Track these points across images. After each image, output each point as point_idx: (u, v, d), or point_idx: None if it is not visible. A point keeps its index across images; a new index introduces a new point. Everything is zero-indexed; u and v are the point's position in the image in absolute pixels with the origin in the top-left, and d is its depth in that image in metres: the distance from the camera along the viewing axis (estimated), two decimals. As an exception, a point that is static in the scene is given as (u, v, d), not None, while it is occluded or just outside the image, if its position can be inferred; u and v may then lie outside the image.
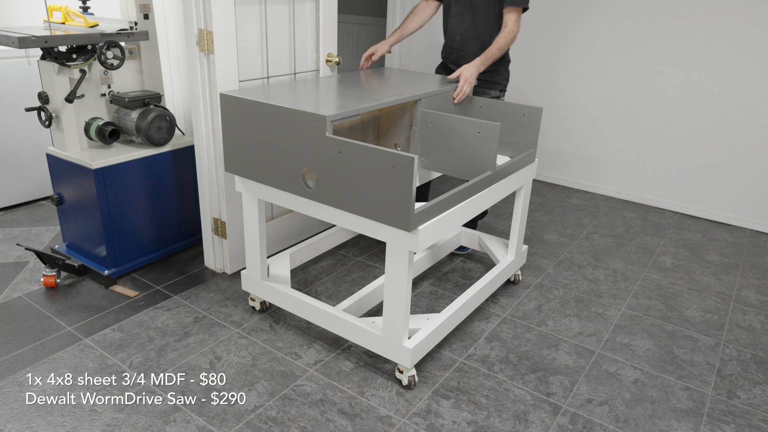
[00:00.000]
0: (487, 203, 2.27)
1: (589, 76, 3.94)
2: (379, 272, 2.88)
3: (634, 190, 4.00)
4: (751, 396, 2.14)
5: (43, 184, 3.54)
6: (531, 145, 2.53)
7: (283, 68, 2.77)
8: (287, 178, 2.05)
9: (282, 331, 2.38)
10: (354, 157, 1.83)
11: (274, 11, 2.64)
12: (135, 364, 2.14)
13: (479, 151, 2.28)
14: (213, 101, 2.48)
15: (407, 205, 1.76)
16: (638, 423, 1.98)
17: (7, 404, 1.93)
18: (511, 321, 2.53)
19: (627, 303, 2.73)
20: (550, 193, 4.12)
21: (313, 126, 1.90)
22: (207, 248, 2.82)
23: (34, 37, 2.26)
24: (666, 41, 3.61)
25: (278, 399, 2.01)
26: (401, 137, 2.59)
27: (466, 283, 2.83)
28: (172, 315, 2.46)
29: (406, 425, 1.92)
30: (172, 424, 1.88)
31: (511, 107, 2.53)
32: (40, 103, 2.51)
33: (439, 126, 2.37)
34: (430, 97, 2.40)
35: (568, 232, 3.49)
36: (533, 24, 4.06)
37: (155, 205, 2.77)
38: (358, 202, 1.88)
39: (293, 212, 3.01)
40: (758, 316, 2.66)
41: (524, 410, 2.01)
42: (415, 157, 1.69)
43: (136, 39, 2.56)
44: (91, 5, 2.78)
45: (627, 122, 3.88)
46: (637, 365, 2.28)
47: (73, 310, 2.46)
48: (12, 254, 2.91)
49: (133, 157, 2.61)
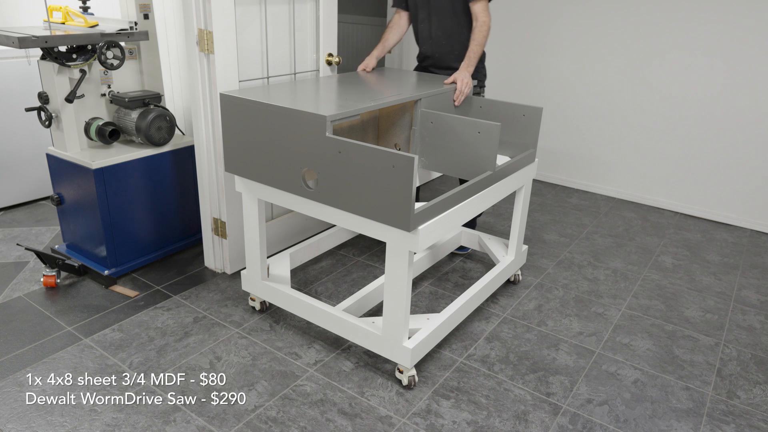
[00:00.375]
0: (487, 203, 2.27)
1: (589, 76, 3.94)
2: (379, 272, 2.88)
3: (634, 190, 4.00)
4: (751, 396, 2.14)
5: (43, 184, 3.54)
6: (531, 145, 2.53)
7: (283, 68, 2.77)
8: (287, 178, 2.05)
9: (282, 331, 2.38)
10: (354, 157, 1.83)
11: (274, 11, 2.64)
12: (135, 364, 2.14)
13: (479, 151, 2.28)
14: (213, 101, 2.48)
15: (407, 205, 1.76)
16: (638, 423, 1.98)
17: (7, 404, 1.93)
18: (511, 321, 2.53)
19: (627, 303, 2.73)
20: (550, 193, 4.12)
21: (313, 126, 1.90)
22: (207, 248, 2.82)
23: (34, 37, 2.26)
24: (666, 42, 3.60)
25: (278, 399, 2.01)
26: (401, 137, 2.59)
27: (466, 283, 2.83)
28: (172, 315, 2.46)
29: (406, 425, 1.92)
30: (172, 424, 1.88)
31: (511, 107, 2.53)
32: (40, 103, 2.51)
33: (439, 126, 2.37)
34: (430, 97, 2.40)
35: (568, 232, 3.49)
36: (534, 24, 4.07)
37: (155, 205, 2.77)
38: (358, 202, 1.88)
39: (293, 212, 3.01)
40: (758, 316, 2.66)
41: (524, 410, 2.01)
42: (415, 157, 1.69)
43: (136, 39, 2.56)
44: (91, 5, 2.78)
45: (627, 122, 3.88)
46: (637, 365, 2.28)
47: (73, 310, 2.46)
48: (12, 254, 2.91)
49: (133, 157, 2.61)
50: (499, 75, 4.35)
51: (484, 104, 2.60)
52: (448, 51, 2.73)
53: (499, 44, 4.26)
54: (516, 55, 4.22)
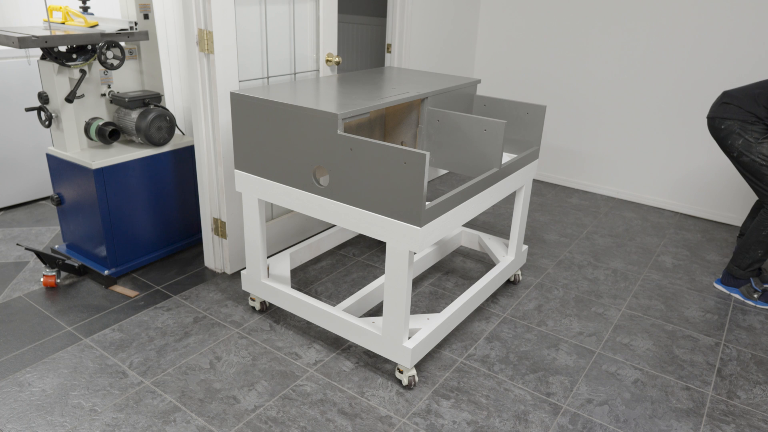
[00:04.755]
0: (491, 201, 2.28)
1: (589, 76, 3.94)
2: (379, 272, 2.88)
3: (634, 190, 4.00)
4: (751, 396, 2.14)
5: (43, 184, 3.54)
6: (534, 142, 2.55)
7: (283, 68, 2.77)
8: (298, 175, 2.06)
9: (282, 331, 2.38)
10: (365, 154, 1.85)
11: (274, 11, 2.64)
12: (135, 364, 2.14)
13: (485, 148, 2.30)
14: (213, 101, 2.48)
15: (419, 201, 1.78)
16: (638, 423, 1.98)
17: (7, 404, 1.93)
18: (511, 321, 2.53)
19: (627, 303, 2.73)
20: (550, 193, 4.12)
21: (324, 124, 1.92)
22: (207, 248, 2.82)
23: (34, 37, 2.26)
24: (666, 43, 3.60)
25: (278, 399, 2.01)
26: (408, 135, 2.60)
27: (466, 283, 2.83)
28: (172, 315, 2.46)
29: (406, 425, 1.92)
30: (172, 424, 1.88)
31: (515, 105, 2.55)
32: (40, 103, 2.51)
33: (446, 124, 2.38)
34: (437, 95, 2.41)
35: (568, 232, 3.49)
36: (533, 24, 4.07)
37: (155, 205, 2.77)
38: (370, 199, 1.90)
39: (293, 212, 3.01)
40: (758, 316, 2.66)
41: (524, 410, 2.01)
42: (426, 154, 1.71)
43: (136, 39, 2.56)
44: (91, 5, 2.78)
45: (627, 122, 3.88)
46: (637, 365, 2.28)
47: (73, 310, 2.46)
48: (12, 254, 2.91)
49: (133, 157, 2.61)
50: (499, 75, 4.35)
51: (488, 103, 2.62)
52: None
53: (500, 44, 4.26)
54: (515, 55, 4.22)
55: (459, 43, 4.17)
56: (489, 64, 4.37)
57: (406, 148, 1.76)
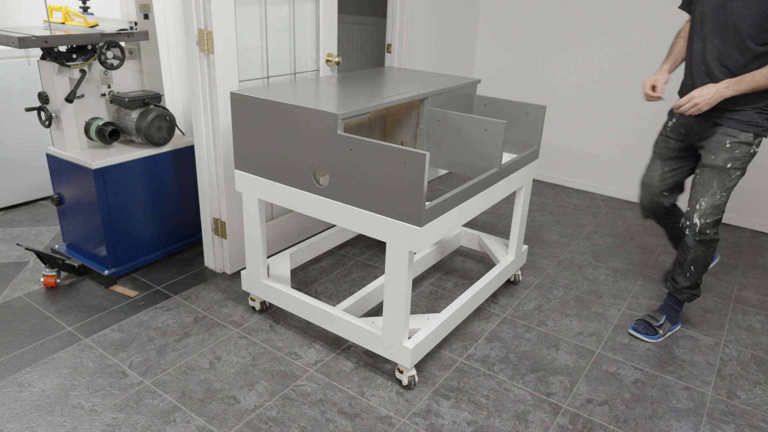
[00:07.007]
0: (491, 201, 2.28)
1: (589, 76, 3.94)
2: (379, 272, 2.88)
3: (634, 190, 4.00)
4: (751, 396, 2.14)
5: (43, 184, 3.54)
6: (535, 142, 2.55)
7: (283, 68, 2.77)
8: (298, 175, 2.06)
9: (282, 331, 2.38)
10: (366, 154, 1.85)
11: (274, 11, 2.64)
12: (135, 364, 2.14)
13: (485, 148, 2.30)
14: (213, 101, 2.48)
15: (419, 201, 1.78)
16: (638, 423, 1.98)
17: (7, 404, 1.93)
18: (511, 321, 2.53)
19: (627, 303, 2.73)
20: (550, 193, 4.12)
21: (325, 124, 1.92)
22: (207, 248, 2.82)
23: (34, 37, 2.26)
24: (666, 43, 3.60)
25: (278, 399, 2.01)
26: (407, 135, 2.60)
27: (466, 283, 2.83)
28: (172, 315, 2.46)
29: (406, 425, 1.92)
30: (172, 424, 1.88)
31: (515, 105, 2.55)
32: (40, 103, 2.51)
33: (446, 124, 2.38)
34: (437, 95, 2.41)
35: (568, 232, 3.49)
36: (533, 24, 4.07)
37: (155, 205, 2.77)
38: (370, 198, 1.90)
39: (293, 212, 3.01)
40: (758, 316, 2.66)
41: (524, 410, 2.01)
42: (426, 154, 1.71)
43: (136, 39, 2.56)
44: (91, 5, 2.78)
45: (627, 122, 3.88)
46: (637, 365, 2.28)
47: (73, 310, 2.46)
48: (12, 254, 2.91)
49: (133, 157, 2.61)
50: (499, 75, 4.35)
51: (488, 103, 2.62)
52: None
53: (500, 44, 4.26)
54: (514, 55, 4.22)
55: (459, 43, 4.17)
56: (489, 64, 4.37)
57: (406, 148, 1.76)
